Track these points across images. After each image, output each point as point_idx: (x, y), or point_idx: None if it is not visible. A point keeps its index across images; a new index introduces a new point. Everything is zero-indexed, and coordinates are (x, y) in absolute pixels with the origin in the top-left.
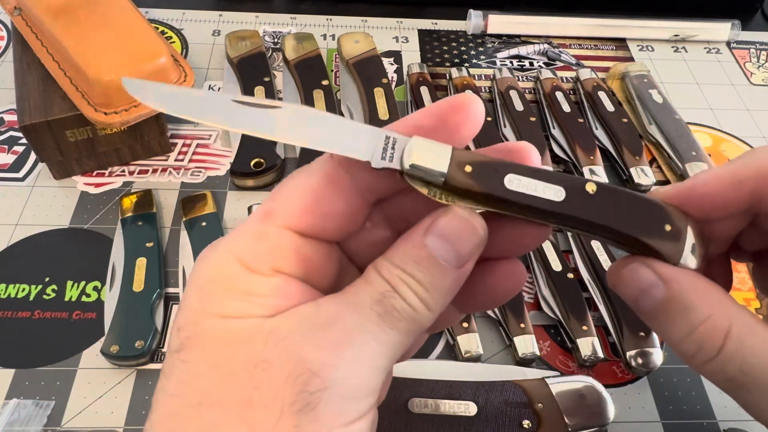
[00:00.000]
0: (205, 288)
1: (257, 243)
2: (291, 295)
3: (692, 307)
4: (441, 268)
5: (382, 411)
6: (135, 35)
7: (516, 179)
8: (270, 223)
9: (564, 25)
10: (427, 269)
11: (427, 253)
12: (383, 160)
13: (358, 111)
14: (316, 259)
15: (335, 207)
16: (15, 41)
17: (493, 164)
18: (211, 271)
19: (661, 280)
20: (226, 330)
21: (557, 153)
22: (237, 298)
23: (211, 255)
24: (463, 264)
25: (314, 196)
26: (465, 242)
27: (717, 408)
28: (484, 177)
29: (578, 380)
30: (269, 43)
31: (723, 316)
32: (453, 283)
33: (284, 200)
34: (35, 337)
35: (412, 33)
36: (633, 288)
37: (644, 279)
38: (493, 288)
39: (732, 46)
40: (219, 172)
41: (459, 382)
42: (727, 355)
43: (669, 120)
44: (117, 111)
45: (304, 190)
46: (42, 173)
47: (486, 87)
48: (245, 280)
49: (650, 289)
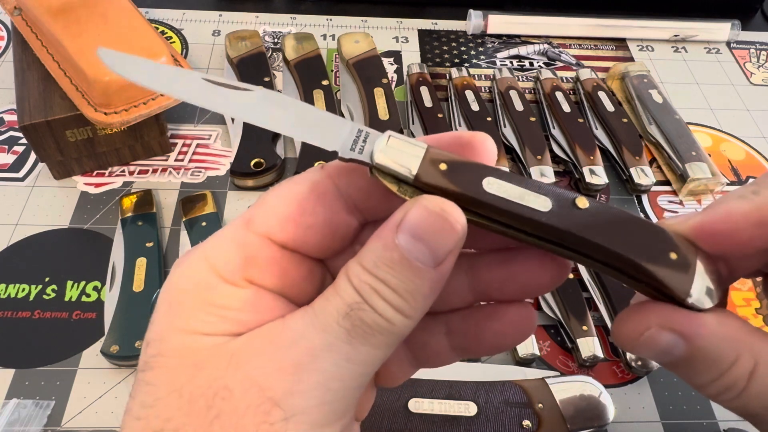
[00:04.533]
0: (174, 299)
1: (234, 251)
2: (262, 309)
3: (718, 357)
4: (416, 271)
5: (382, 411)
6: (135, 35)
7: (496, 183)
8: (250, 231)
9: (564, 25)
10: (401, 273)
11: (400, 255)
12: (352, 151)
13: (358, 111)
14: (296, 274)
15: (319, 218)
16: (15, 41)
17: (471, 165)
18: (182, 279)
19: (682, 337)
20: (190, 349)
21: (557, 153)
22: (206, 311)
23: (185, 261)
24: (441, 263)
25: (298, 205)
26: (441, 239)
27: (717, 408)
28: (459, 176)
29: (578, 380)
30: (269, 43)
31: (748, 357)
32: (431, 285)
33: (267, 208)
34: (35, 337)
35: (412, 33)
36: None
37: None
38: (499, 335)
39: (732, 46)
40: (219, 172)
41: (459, 382)
42: (751, 394)
43: (669, 120)
44: (117, 111)
45: (288, 199)
46: (42, 173)
47: (486, 87)
48: (217, 290)
49: (671, 350)
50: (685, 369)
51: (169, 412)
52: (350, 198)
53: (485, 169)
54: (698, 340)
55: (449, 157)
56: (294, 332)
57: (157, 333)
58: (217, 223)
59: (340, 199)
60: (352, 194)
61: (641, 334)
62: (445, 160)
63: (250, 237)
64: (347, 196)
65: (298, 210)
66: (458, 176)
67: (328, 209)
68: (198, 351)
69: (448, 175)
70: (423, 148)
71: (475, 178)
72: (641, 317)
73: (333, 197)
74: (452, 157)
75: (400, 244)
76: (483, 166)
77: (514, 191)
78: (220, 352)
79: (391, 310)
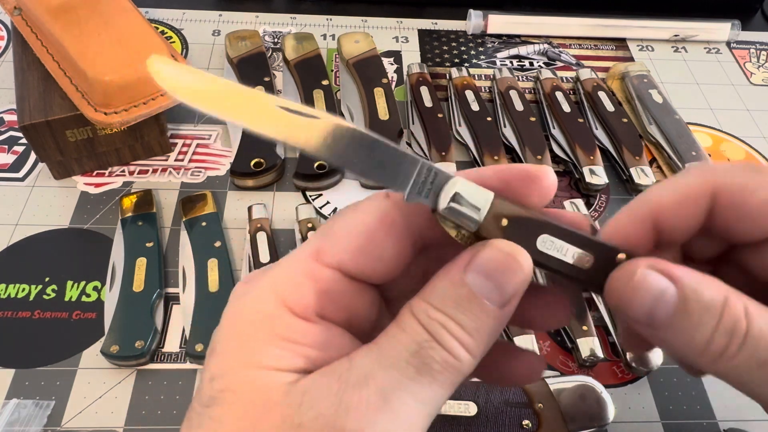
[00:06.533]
0: (243, 331)
1: (305, 283)
2: (331, 345)
3: (710, 300)
4: (484, 309)
5: None
6: (135, 35)
7: (549, 241)
8: (320, 263)
9: (564, 25)
10: (469, 310)
11: (469, 292)
12: (419, 195)
13: (358, 111)
14: (360, 305)
15: (389, 250)
16: (15, 41)
17: (530, 221)
18: (250, 311)
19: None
20: (261, 386)
21: (557, 153)
22: (277, 345)
23: (252, 292)
24: (508, 303)
25: (369, 236)
26: (509, 278)
27: (717, 408)
28: (517, 234)
29: (578, 380)
30: (269, 43)
31: (736, 298)
32: (497, 325)
33: (336, 238)
34: (35, 337)
35: (412, 33)
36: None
37: (658, 283)
38: (506, 374)
39: (732, 46)
40: (219, 172)
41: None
42: (755, 336)
43: (669, 120)
44: (117, 111)
45: (358, 230)
46: (42, 173)
47: (486, 87)
48: (288, 324)
49: (665, 292)
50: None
51: None
52: (416, 225)
53: (540, 225)
54: (686, 279)
55: (511, 212)
56: (363, 371)
57: (223, 367)
58: (217, 223)
59: (407, 229)
60: (417, 222)
61: (631, 278)
62: (507, 215)
63: (322, 271)
64: (413, 225)
65: (369, 241)
66: (516, 233)
67: (396, 240)
68: (269, 388)
69: (507, 231)
70: (489, 201)
71: (532, 235)
72: (630, 265)
73: (401, 228)
74: (514, 212)
75: (470, 281)
76: (542, 222)
77: (563, 248)
78: (293, 390)
79: (459, 347)
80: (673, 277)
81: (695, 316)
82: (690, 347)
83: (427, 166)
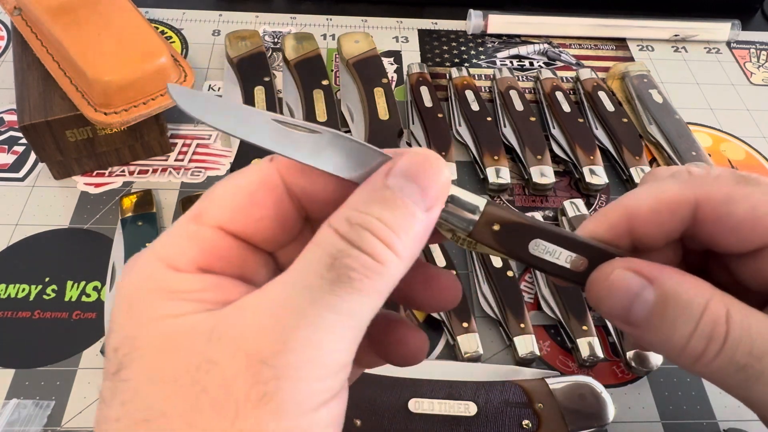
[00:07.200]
0: (132, 297)
1: (185, 244)
2: (229, 289)
3: (689, 302)
4: (409, 210)
5: (382, 411)
6: (135, 35)
7: (541, 245)
8: (200, 224)
9: (564, 25)
10: (394, 209)
11: (392, 193)
12: None
13: (358, 111)
14: (253, 263)
15: (269, 211)
16: (15, 41)
17: (521, 227)
18: (136, 279)
19: (648, 280)
20: (162, 334)
21: (557, 153)
22: (168, 298)
23: (135, 264)
24: (431, 207)
25: (248, 197)
26: (431, 180)
27: (717, 408)
28: (509, 239)
29: (578, 380)
30: (269, 43)
31: (718, 300)
32: (421, 231)
33: (216, 201)
34: (35, 337)
35: (412, 33)
36: (622, 297)
37: (633, 284)
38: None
39: (732, 46)
40: (219, 172)
41: (459, 382)
42: (734, 341)
43: (669, 120)
44: (117, 111)
45: (237, 190)
46: (42, 173)
47: (486, 87)
48: (173, 278)
49: (641, 292)
50: (661, 321)
51: (151, 399)
52: (297, 195)
53: (532, 230)
54: (664, 280)
55: (503, 217)
56: (275, 296)
57: (121, 335)
58: None
59: (288, 194)
60: (299, 192)
61: (607, 278)
62: (498, 220)
63: (203, 230)
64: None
65: (248, 202)
66: (508, 238)
67: (277, 202)
68: (172, 333)
69: (498, 236)
70: (482, 205)
71: (524, 240)
72: (607, 265)
73: (282, 191)
74: (505, 217)
75: (392, 184)
76: (533, 227)
77: (556, 251)
78: (197, 328)
79: (384, 249)
80: (650, 277)
81: (671, 318)
82: (668, 348)
83: None
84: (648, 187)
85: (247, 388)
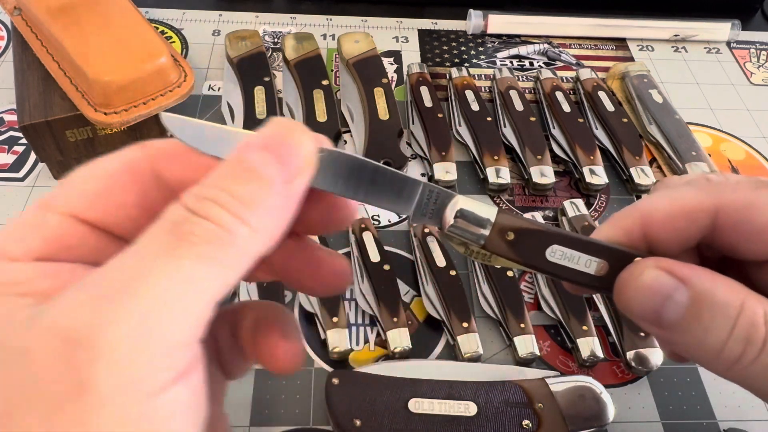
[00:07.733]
0: None
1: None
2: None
3: (724, 303)
4: (265, 181)
5: (382, 411)
6: (135, 35)
7: (559, 250)
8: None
9: (564, 25)
10: (247, 182)
11: (247, 167)
12: (423, 216)
13: (358, 111)
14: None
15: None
16: (15, 41)
17: (536, 233)
18: None
19: (680, 280)
20: None
21: (557, 153)
22: None
23: None
24: (291, 179)
25: (108, 182)
26: (291, 151)
27: (717, 408)
28: (525, 248)
29: (578, 380)
30: (269, 43)
31: (754, 301)
32: (283, 201)
33: (71, 187)
34: None
35: (412, 33)
36: (654, 299)
37: (665, 284)
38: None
39: (732, 46)
40: None
41: (459, 382)
42: None
43: (669, 120)
44: (117, 111)
45: (97, 176)
46: (42, 173)
47: (486, 87)
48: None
49: (674, 293)
50: (695, 324)
51: None
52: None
53: (548, 236)
54: (697, 282)
55: (515, 225)
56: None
57: None
58: None
59: (156, 181)
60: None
61: (638, 278)
62: (511, 228)
63: (49, 218)
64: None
65: (108, 187)
66: (524, 248)
67: (144, 190)
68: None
69: (513, 245)
70: (493, 215)
71: (541, 247)
72: (636, 266)
73: (149, 178)
74: (519, 225)
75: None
76: (546, 232)
77: (574, 256)
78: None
79: (232, 219)
80: (683, 277)
81: (707, 320)
82: (701, 352)
83: (428, 188)
84: (664, 194)
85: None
